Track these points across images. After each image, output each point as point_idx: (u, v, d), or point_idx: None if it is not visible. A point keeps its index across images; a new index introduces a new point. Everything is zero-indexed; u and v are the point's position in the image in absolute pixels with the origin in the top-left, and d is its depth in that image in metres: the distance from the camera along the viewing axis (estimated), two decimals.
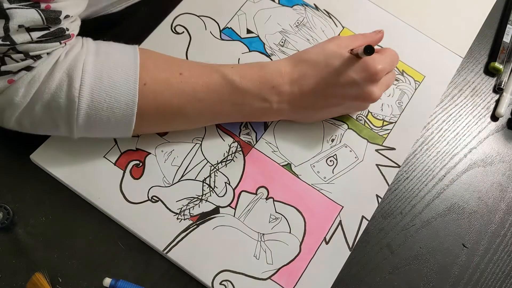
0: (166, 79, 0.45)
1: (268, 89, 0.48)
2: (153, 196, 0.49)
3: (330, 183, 0.52)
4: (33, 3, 0.37)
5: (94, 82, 0.42)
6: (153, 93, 0.44)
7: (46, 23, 0.38)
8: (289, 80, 0.48)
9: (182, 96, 0.46)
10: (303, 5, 0.61)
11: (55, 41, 0.40)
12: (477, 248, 0.52)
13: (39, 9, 0.38)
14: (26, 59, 0.39)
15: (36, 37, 0.39)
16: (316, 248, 0.49)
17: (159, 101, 0.45)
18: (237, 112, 0.49)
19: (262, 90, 0.48)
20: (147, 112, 0.45)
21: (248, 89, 0.47)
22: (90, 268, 0.46)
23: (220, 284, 0.47)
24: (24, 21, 0.37)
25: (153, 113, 0.45)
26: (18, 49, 0.38)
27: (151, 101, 0.44)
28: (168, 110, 0.46)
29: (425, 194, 0.54)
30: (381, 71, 0.48)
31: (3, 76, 0.40)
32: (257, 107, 0.49)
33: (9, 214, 0.46)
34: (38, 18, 0.38)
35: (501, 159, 0.57)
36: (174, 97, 0.45)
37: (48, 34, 0.39)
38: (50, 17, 0.38)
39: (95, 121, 0.43)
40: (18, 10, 0.37)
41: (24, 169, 0.49)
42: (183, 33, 0.57)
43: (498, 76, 0.62)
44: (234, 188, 0.51)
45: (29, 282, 0.44)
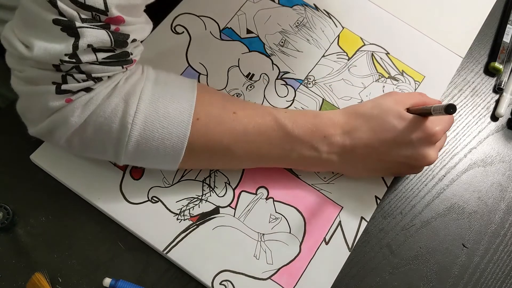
0: (219, 116, 0.45)
1: (319, 138, 0.47)
2: (153, 196, 0.49)
3: (330, 184, 0.52)
4: (104, 24, 0.37)
5: (149, 111, 0.42)
6: (205, 129, 0.44)
7: (114, 45, 0.39)
8: (341, 131, 0.47)
9: (233, 134, 0.45)
10: (303, 5, 0.61)
11: (118, 64, 0.41)
12: (477, 248, 0.52)
13: (109, 31, 0.38)
14: (87, 80, 0.39)
15: (102, 58, 0.39)
16: (316, 248, 0.49)
17: (209, 137, 0.45)
18: (285, 157, 0.48)
19: (313, 138, 0.47)
20: (196, 147, 0.44)
21: (299, 136, 0.47)
22: (90, 268, 0.46)
23: (220, 284, 0.47)
24: (94, 41, 0.37)
25: (202, 149, 0.45)
26: (82, 69, 0.39)
27: (201, 137, 0.44)
28: (217, 147, 0.45)
29: (425, 194, 0.54)
30: (439, 133, 0.47)
31: (62, 94, 0.40)
32: (305, 155, 0.48)
33: (9, 214, 0.46)
34: (107, 39, 0.38)
35: (501, 159, 0.57)
36: (225, 135, 0.45)
37: (113, 56, 0.40)
38: (118, 40, 0.39)
39: (144, 150, 0.43)
40: (89, 29, 0.37)
41: (24, 169, 0.49)
42: (183, 33, 0.57)
43: (498, 76, 0.62)
44: (234, 188, 0.51)
45: (29, 282, 0.44)
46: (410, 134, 0.46)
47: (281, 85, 0.56)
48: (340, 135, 0.47)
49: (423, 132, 0.46)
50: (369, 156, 0.48)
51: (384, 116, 0.47)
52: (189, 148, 0.44)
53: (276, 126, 0.46)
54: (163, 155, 0.44)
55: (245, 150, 0.47)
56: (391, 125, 0.46)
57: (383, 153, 0.48)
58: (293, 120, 0.47)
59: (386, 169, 0.51)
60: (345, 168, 0.50)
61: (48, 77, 0.39)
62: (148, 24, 0.43)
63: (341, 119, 0.48)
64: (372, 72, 0.59)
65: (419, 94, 0.51)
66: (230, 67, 0.56)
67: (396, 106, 0.47)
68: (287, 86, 0.56)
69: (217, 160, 0.48)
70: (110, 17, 0.37)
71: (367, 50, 0.60)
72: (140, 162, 0.46)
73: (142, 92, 0.42)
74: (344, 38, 0.60)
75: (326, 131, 0.47)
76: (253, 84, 0.56)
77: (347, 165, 0.49)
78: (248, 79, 0.56)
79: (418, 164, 0.49)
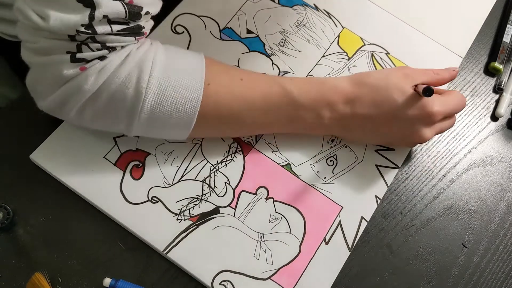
0: (228, 83, 0.46)
1: (323, 105, 0.48)
2: (153, 196, 0.49)
3: (330, 183, 0.52)
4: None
5: (162, 76, 0.43)
6: (216, 95, 0.45)
7: (128, 17, 0.40)
8: (344, 99, 0.48)
9: (242, 101, 0.46)
10: (303, 5, 0.61)
11: (131, 36, 0.42)
12: (477, 248, 0.52)
13: (123, 2, 0.39)
14: (102, 49, 0.40)
15: (116, 30, 0.40)
16: (316, 248, 0.49)
17: (219, 103, 0.46)
18: (290, 123, 0.49)
19: (318, 105, 0.48)
20: (208, 113, 0.45)
21: (304, 103, 0.48)
22: (90, 268, 0.46)
23: (220, 284, 0.47)
24: (109, 12, 0.38)
25: (212, 115, 0.46)
26: (97, 39, 0.39)
27: (212, 102, 0.45)
28: (227, 114, 0.46)
29: (425, 194, 0.54)
30: (437, 114, 0.48)
31: (77, 63, 0.40)
32: (309, 121, 0.49)
33: (9, 214, 0.46)
34: (122, 11, 0.39)
35: (501, 159, 0.57)
36: (234, 101, 0.46)
37: (127, 29, 0.41)
38: (133, 11, 0.40)
39: (157, 116, 0.43)
40: (104, 0, 0.37)
41: (24, 169, 0.49)
42: (183, 33, 0.57)
43: (498, 76, 0.62)
44: (234, 188, 0.51)
45: (29, 282, 0.44)
46: (408, 110, 0.47)
47: None
48: (343, 103, 0.48)
49: (420, 110, 0.47)
50: (367, 125, 0.50)
51: (388, 89, 0.48)
52: (201, 114, 0.45)
53: (282, 93, 0.47)
54: (176, 121, 0.44)
55: (253, 117, 0.48)
56: (392, 99, 0.47)
57: (381, 124, 0.49)
58: (299, 88, 0.48)
59: (382, 139, 0.52)
60: (343, 133, 0.52)
61: (63, 47, 0.40)
62: (160, 2, 0.44)
63: (345, 87, 0.49)
64: None
65: (433, 71, 0.51)
66: None
67: (403, 81, 0.48)
68: None
69: (227, 127, 0.49)
70: None
71: (367, 50, 0.60)
72: (152, 130, 0.46)
73: (155, 59, 0.43)
74: (344, 38, 0.60)
75: (329, 98, 0.48)
76: None
77: (346, 131, 0.51)
78: None
79: (412, 140, 0.50)
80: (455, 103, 0.50)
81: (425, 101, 0.47)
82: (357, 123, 0.50)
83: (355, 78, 0.50)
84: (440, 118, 0.49)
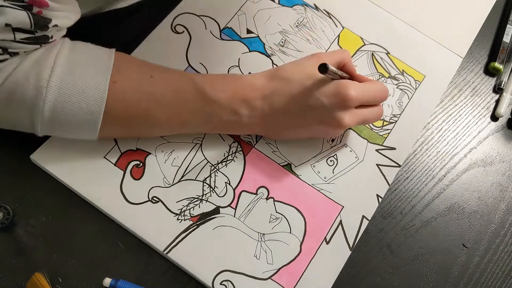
0: (136, 80, 0.45)
1: (239, 102, 0.47)
2: (153, 196, 0.49)
3: (331, 183, 0.52)
4: (26, 5, 0.37)
5: (64, 74, 0.41)
6: (122, 93, 0.44)
7: (33, 28, 0.38)
8: (261, 95, 0.47)
9: (151, 98, 0.45)
10: (303, 5, 0.61)
11: (36, 44, 0.40)
12: (477, 248, 0.52)
13: (30, 12, 0.38)
14: (3, 53, 0.39)
15: (20, 38, 0.38)
16: (316, 248, 0.49)
17: (127, 101, 0.44)
18: (206, 122, 0.48)
19: (233, 102, 0.47)
20: (114, 111, 0.44)
21: (217, 100, 0.46)
22: (90, 268, 0.46)
23: (220, 284, 0.46)
24: (12, 21, 0.37)
25: (120, 114, 0.44)
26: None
27: (119, 101, 0.43)
28: (136, 112, 0.45)
29: (425, 194, 0.54)
30: (353, 99, 0.46)
31: None
32: (226, 120, 0.47)
33: (9, 214, 0.46)
34: (27, 21, 0.38)
35: (501, 159, 0.57)
36: (143, 99, 0.45)
37: (32, 38, 0.39)
38: (39, 23, 0.38)
39: (61, 115, 0.42)
40: (9, 9, 0.37)
41: (24, 169, 0.49)
42: (183, 33, 0.57)
43: (498, 76, 0.62)
44: (235, 188, 0.51)
45: (29, 282, 0.44)
46: (323, 97, 0.46)
47: None
48: (260, 99, 0.47)
49: (335, 96, 0.46)
50: (288, 120, 0.48)
51: (302, 80, 0.47)
52: (107, 113, 0.43)
53: (194, 90, 0.46)
54: (81, 121, 0.43)
55: (165, 115, 0.46)
56: (307, 88, 0.46)
57: (299, 115, 0.48)
58: (212, 84, 0.46)
59: (303, 133, 0.51)
60: (267, 131, 0.51)
61: None
62: (75, 13, 0.43)
63: (261, 82, 0.47)
64: (372, 71, 0.59)
65: (341, 52, 0.50)
66: (230, 67, 0.56)
67: (315, 69, 0.45)
68: None
69: (138, 126, 0.47)
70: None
71: (367, 50, 0.60)
72: (58, 130, 0.44)
73: (57, 57, 0.41)
74: (344, 38, 0.60)
75: (246, 94, 0.47)
76: None
77: (268, 128, 0.50)
78: None
79: (333, 127, 0.48)
80: (374, 90, 0.48)
81: (339, 85, 0.46)
82: (277, 119, 0.48)
83: (270, 73, 0.48)
84: (357, 104, 0.47)
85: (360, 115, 0.49)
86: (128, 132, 0.49)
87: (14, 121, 0.43)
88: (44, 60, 0.41)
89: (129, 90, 0.44)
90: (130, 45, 0.55)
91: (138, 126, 0.47)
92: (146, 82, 0.45)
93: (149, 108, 0.45)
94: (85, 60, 0.43)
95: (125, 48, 0.54)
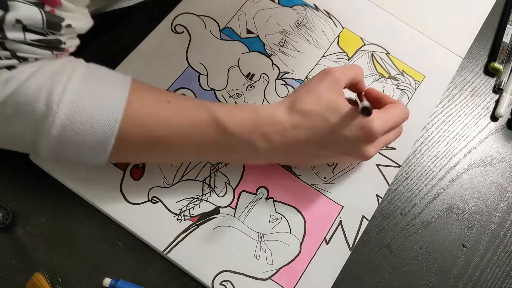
0: (153, 104, 0.43)
1: (258, 137, 0.45)
2: (153, 196, 0.49)
3: (330, 183, 0.52)
4: (38, 2, 0.36)
5: (79, 91, 0.38)
6: (138, 115, 0.41)
7: (46, 26, 0.36)
8: (281, 130, 0.45)
9: (167, 124, 0.43)
10: (303, 5, 0.61)
11: (48, 49, 0.38)
12: (477, 248, 0.52)
13: (42, 10, 0.36)
14: (11, 58, 0.36)
15: (30, 39, 0.36)
16: (316, 248, 0.49)
17: (142, 125, 0.42)
18: (222, 152, 0.46)
19: (251, 136, 0.44)
20: (128, 135, 0.41)
21: (236, 132, 0.44)
22: (90, 268, 0.46)
23: (220, 285, 0.47)
24: (23, 16, 0.35)
25: (134, 137, 0.42)
26: (7, 46, 0.36)
27: (134, 124, 0.41)
28: (151, 137, 0.42)
29: (425, 194, 0.54)
30: (378, 133, 0.45)
31: None
32: (243, 151, 0.46)
33: (9, 214, 0.46)
34: (39, 18, 0.35)
35: (501, 159, 0.57)
36: (158, 124, 0.42)
37: (44, 40, 0.37)
38: (51, 21, 0.36)
39: (70, 135, 0.39)
40: (21, 4, 0.35)
41: (24, 169, 0.49)
42: (183, 33, 0.57)
43: (498, 76, 0.62)
44: (234, 188, 0.51)
45: (29, 282, 0.44)
46: (347, 131, 0.44)
47: (281, 85, 0.56)
48: (280, 134, 0.45)
49: (359, 129, 0.44)
50: (310, 151, 0.47)
51: (322, 113, 0.45)
52: (120, 136, 0.40)
53: (211, 119, 0.44)
54: (91, 142, 0.40)
55: (180, 142, 0.44)
56: (329, 122, 0.45)
57: (322, 148, 0.46)
58: (230, 115, 0.44)
59: (327, 161, 0.51)
60: (287, 161, 0.50)
61: None
62: (87, 20, 0.41)
63: (280, 116, 0.45)
64: (372, 72, 0.59)
65: (354, 68, 0.48)
66: (230, 67, 0.56)
67: (332, 95, 0.45)
68: (287, 86, 0.56)
69: (151, 152, 0.44)
70: None
71: (367, 50, 0.60)
72: (64, 150, 0.41)
73: (73, 72, 0.39)
74: (344, 38, 0.60)
75: (264, 129, 0.45)
76: (253, 84, 0.56)
77: (289, 158, 0.48)
78: (248, 79, 0.56)
79: (357, 159, 0.48)
80: (395, 118, 0.47)
81: (364, 120, 0.44)
82: (298, 151, 0.47)
83: (289, 105, 0.46)
84: (381, 136, 0.46)
85: (382, 142, 0.48)
86: (139, 157, 0.47)
87: (15, 138, 0.40)
88: (58, 74, 0.38)
89: (145, 113, 0.42)
90: (130, 45, 0.55)
91: (152, 152, 0.44)
92: (163, 107, 0.43)
93: (165, 134, 0.43)
94: (101, 78, 0.41)
95: (125, 48, 0.54)
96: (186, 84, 0.54)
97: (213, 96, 0.54)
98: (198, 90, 0.54)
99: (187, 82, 0.54)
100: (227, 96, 0.55)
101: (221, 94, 0.55)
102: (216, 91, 0.55)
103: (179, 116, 0.43)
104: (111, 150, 0.41)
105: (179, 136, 0.43)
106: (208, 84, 0.55)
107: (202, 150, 0.45)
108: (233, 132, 0.44)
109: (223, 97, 0.54)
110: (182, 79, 0.54)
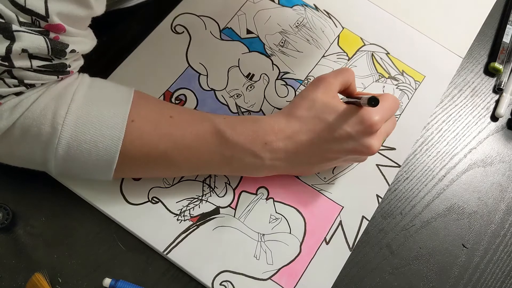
0: (155, 120, 0.44)
1: (261, 145, 0.45)
2: (153, 197, 0.49)
3: (330, 183, 0.52)
4: (42, 30, 0.36)
5: (81, 112, 0.40)
6: (140, 132, 0.42)
7: (51, 53, 0.37)
8: (283, 137, 0.46)
9: (170, 140, 0.44)
10: (303, 5, 0.61)
11: (54, 74, 0.39)
12: (477, 248, 0.52)
13: (47, 38, 0.37)
14: (19, 85, 0.38)
15: (36, 66, 0.38)
16: (316, 248, 0.49)
17: (145, 141, 0.43)
18: (227, 165, 0.47)
19: (254, 145, 0.45)
20: (131, 151, 0.42)
21: (238, 143, 0.45)
22: (90, 268, 0.46)
23: (220, 285, 0.47)
24: (29, 46, 0.36)
25: (137, 154, 0.43)
26: (14, 74, 0.37)
27: (136, 140, 0.42)
28: (153, 153, 0.44)
29: (425, 194, 0.54)
30: (378, 123, 0.45)
31: None
32: (247, 162, 0.46)
33: (9, 214, 0.46)
34: (44, 46, 0.37)
35: (501, 159, 0.57)
36: (161, 140, 0.43)
37: (49, 66, 0.38)
38: (56, 48, 0.37)
39: (75, 154, 0.41)
40: (26, 34, 0.35)
41: (24, 169, 0.49)
42: (183, 33, 0.57)
43: (498, 76, 0.62)
44: (234, 188, 0.51)
45: (29, 282, 0.44)
46: (347, 127, 0.45)
47: (281, 85, 0.56)
48: (282, 141, 0.46)
49: (361, 124, 0.45)
50: (313, 155, 0.47)
51: (320, 115, 0.45)
52: (123, 153, 0.42)
53: (214, 132, 0.45)
54: (96, 160, 0.42)
55: (184, 157, 0.45)
56: (328, 122, 0.45)
57: (326, 150, 0.47)
58: (232, 127, 0.45)
59: (332, 164, 0.50)
60: (293, 170, 0.50)
61: None
62: (91, 40, 0.42)
63: (281, 124, 0.46)
64: (372, 72, 0.59)
65: (346, 71, 0.49)
66: (230, 67, 0.56)
67: (327, 98, 0.46)
68: (287, 87, 0.56)
69: (155, 167, 0.46)
70: (50, 24, 0.36)
71: (367, 50, 0.60)
72: (72, 168, 0.43)
73: (75, 94, 0.40)
74: (344, 38, 0.60)
75: (266, 137, 0.45)
76: (253, 85, 0.56)
77: (294, 167, 0.49)
78: (248, 80, 0.56)
79: (363, 154, 0.48)
80: (390, 106, 0.47)
81: (363, 114, 0.45)
82: (303, 157, 0.47)
83: (288, 113, 0.47)
84: (381, 126, 0.46)
85: (384, 133, 0.48)
86: (144, 172, 0.47)
87: (26, 157, 0.42)
88: (62, 96, 0.40)
89: (147, 130, 0.43)
90: (130, 45, 0.55)
91: (155, 167, 0.46)
92: (165, 122, 0.44)
93: (167, 149, 0.44)
94: (103, 98, 0.42)
95: (125, 48, 0.54)
96: (186, 84, 0.54)
97: (213, 96, 0.54)
98: (198, 90, 0.54)
99: (187, 82, 0.54)
100: (227, 96, 0.55)
101: (221, 94, 0.55)
102: (216, 91, 0.55)
103: (181, 131, 0.44)
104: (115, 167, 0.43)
105: (181, 151, 0.44)
106: (208, 84, 0.55)
107: (205, 163, 0.46)
108: (236, 143, 0.45)
109: (223, 97, 0.54)
110: (182, 79, 0.54)
